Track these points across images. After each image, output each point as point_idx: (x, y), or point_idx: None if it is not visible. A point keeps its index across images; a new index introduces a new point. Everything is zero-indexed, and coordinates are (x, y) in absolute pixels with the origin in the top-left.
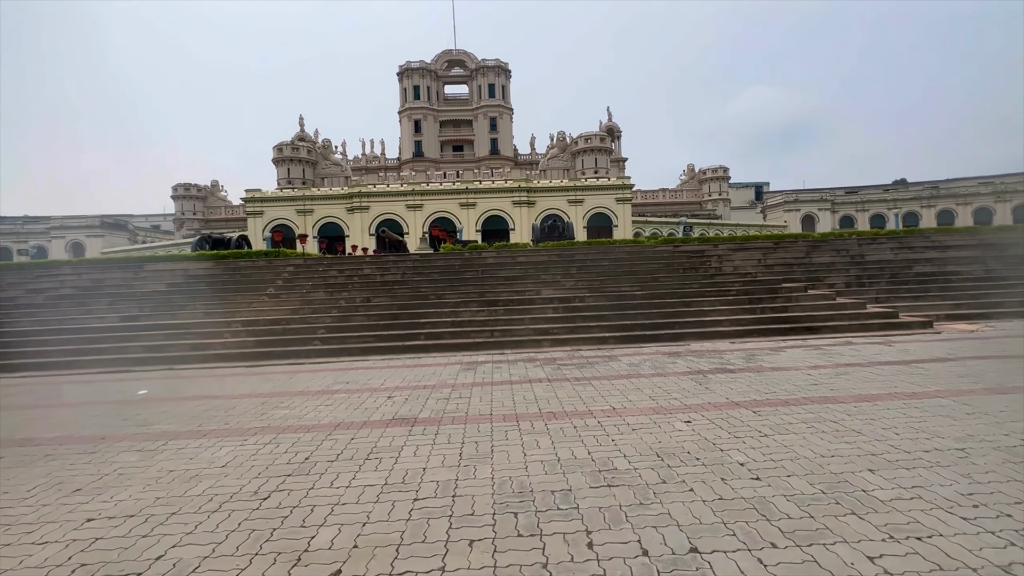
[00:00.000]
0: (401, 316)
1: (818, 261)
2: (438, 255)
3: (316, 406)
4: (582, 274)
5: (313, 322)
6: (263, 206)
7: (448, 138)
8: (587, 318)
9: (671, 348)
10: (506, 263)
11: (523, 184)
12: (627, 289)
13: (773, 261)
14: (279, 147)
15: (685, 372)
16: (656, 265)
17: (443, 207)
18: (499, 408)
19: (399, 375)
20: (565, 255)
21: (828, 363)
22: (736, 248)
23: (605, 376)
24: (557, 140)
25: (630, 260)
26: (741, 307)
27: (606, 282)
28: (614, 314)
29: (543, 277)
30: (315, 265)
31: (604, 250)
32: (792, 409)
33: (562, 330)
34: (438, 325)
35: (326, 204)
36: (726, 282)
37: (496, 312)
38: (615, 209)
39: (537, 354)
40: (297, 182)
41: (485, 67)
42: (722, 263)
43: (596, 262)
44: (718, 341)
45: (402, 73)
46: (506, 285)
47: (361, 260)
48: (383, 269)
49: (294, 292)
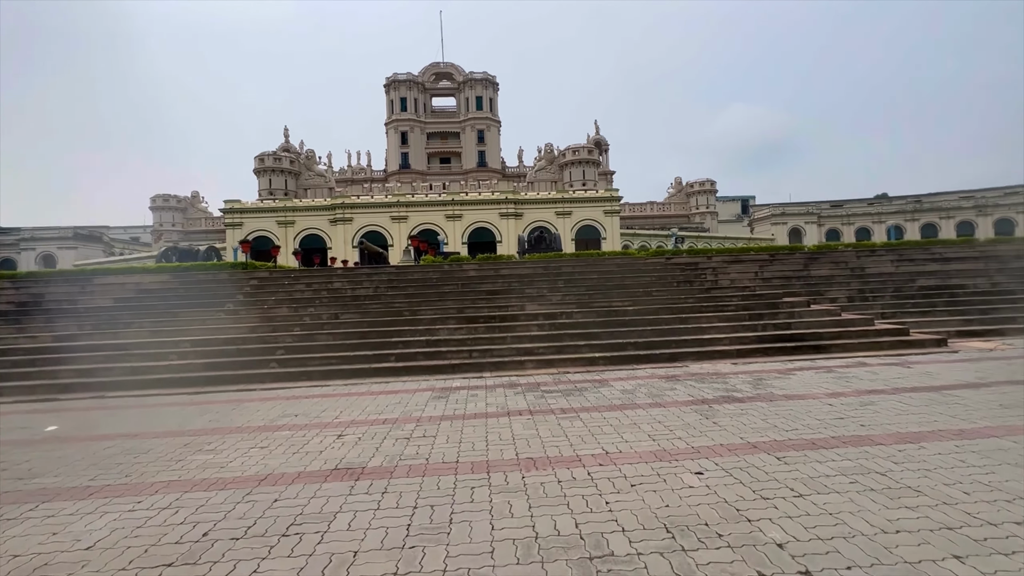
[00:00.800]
0: (371, 335)
1: (817, 274)
2: (416, 267)
3: (248, 449)
4: (569, 288)
5: (272, 342)
6: (242, 217)
7: (435, 150)
8: (575, 336)
9: (668, 370)
10: (488, 276)
11: (510, 196)
12: (618, 304)
13: (770, 274)
14: (260, 157)
15: (687, 402)
16: (648, 278)
17: (429, 219)
18: (468, 452)
19: (359, 405)
20: (551, 268)
21: (847, 389)
22: (731, 260)
23: (595, 407)
24: (545, 152)
25: (620, 273)
26: (741, 324)
27: (595, 297)
28: (604, 332)
29: (528, 291)
30: (282, 278)
31: (592, 262)
32: (824, 454)
33: (547, 350)
34: (411, 345)
35: (308, 215)
36: (723, 296)
37: (476, 330)
38: (603, 221)
39: (519, 378)
40: (279, 193)
41: (473, 79)
42: (717, 276)
43: (584, 275)
44: (719, 362)
45: (389, 85)
46: (487, 300)
47: (332, 273)
48: (355, 283)
49: (255, 308)
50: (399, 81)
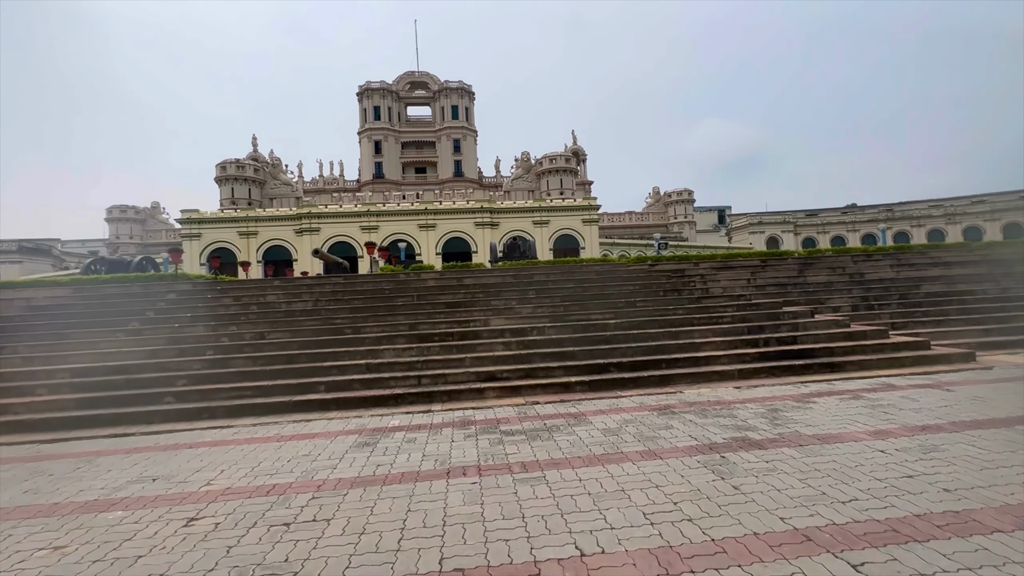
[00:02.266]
0: (299, 358)
1: (814, 280)
2: (367, 277)
3: (32, 552)
4: (542, 299)
5: (175, 369)
6: (201, 228)
7: (410, 160)
8: (547, 356)
9: (659, 398)
10: (449, 286)
11: (486, 205)
12: (597, 317)
13: (764, 281)
14: (222, 165)
15: (691, 449)
16: (631, 287)
17: (401, 229)
18: (365, 556)
19: (252, 459)
20: (522, 276)
21: (892, 425)
22: (719, 267)
23: (568, 459)
24: (522, 160)
25: (600, 281)
26: (740, 337)
27: (571, 308)
28: (581, 350)
29: (494, 303)
30: (206, 291)
31: (569, 270)
32: (920, 553)
33: (514, 374)
34: (348, 370)
35: (272, 226)
36: (717, 307)
37: (429, 350)
38: (582, 231)
39: (476, 411)
40: (242, 203)
41: (448, 88)
42: (707, 283)
43: (559, 284)
44: (719, 385)
45: (362, 93)
46: (446, 314)
47: (268, 284)
48: (293, 295)
49: (164, 326)
50: (372, 89)
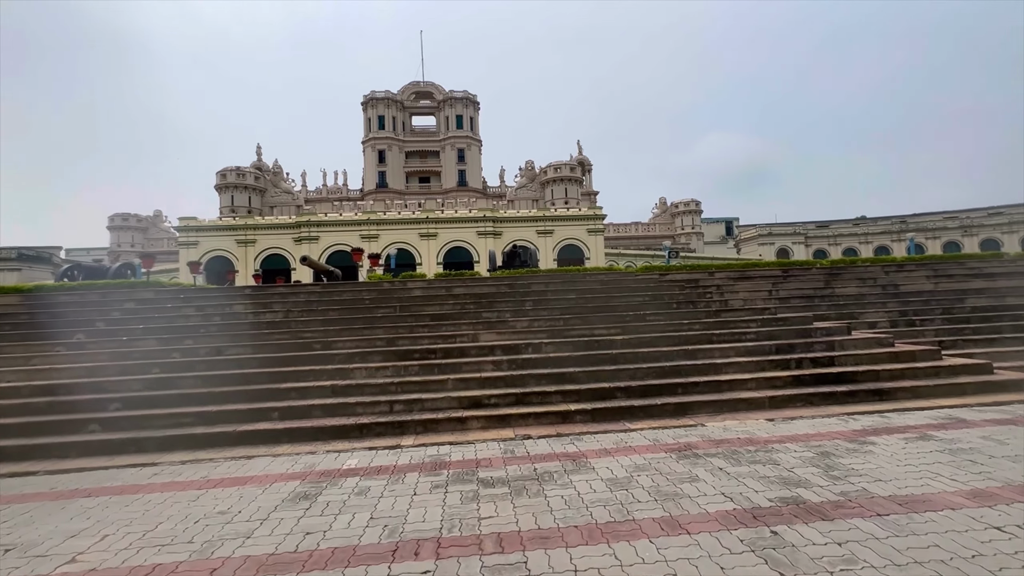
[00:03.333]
0: (256, 378)
1: (844, 292)
2: (348, 286)
3: None
4: (540, 311)
5: (111, 390)
6: (198, 236)
7: (414, 169)
8: (543, 379)
9: (677, 433)
10: (437, 296)
11: (489, 214)
12: (602, 332)
13: (788, 293)
14: (222, 172)
15: (726, 517)
16: (640, 298)
17: (402, 238)
18: None
19: (152, 518)
20: (519, 285)
21: (993, 483)
22: (737, 277)
23: (560, 531)
24: (526, 169)
25: (605, 292)
26: (768, 358)
27: (572, 322)
28: (583, 372)
29: (485, 315)
30: (169, 299)
31: (570, 279)
32: None
33: (503, 400)
34: (309, 393)
35: (270, 234)
36: (738, 321)
37: (407, 370)
38: (587, 241)
39: (454, 448)
40: (242, 211)
41: (453, 98)
42: (725, 295)
43: (560, 295)
44: (747, 416)
45: (367, 103)
46: (431, 328)
47: (238, 293)
48: (263, 305)
49: (111, 340)
50: (377, 99)
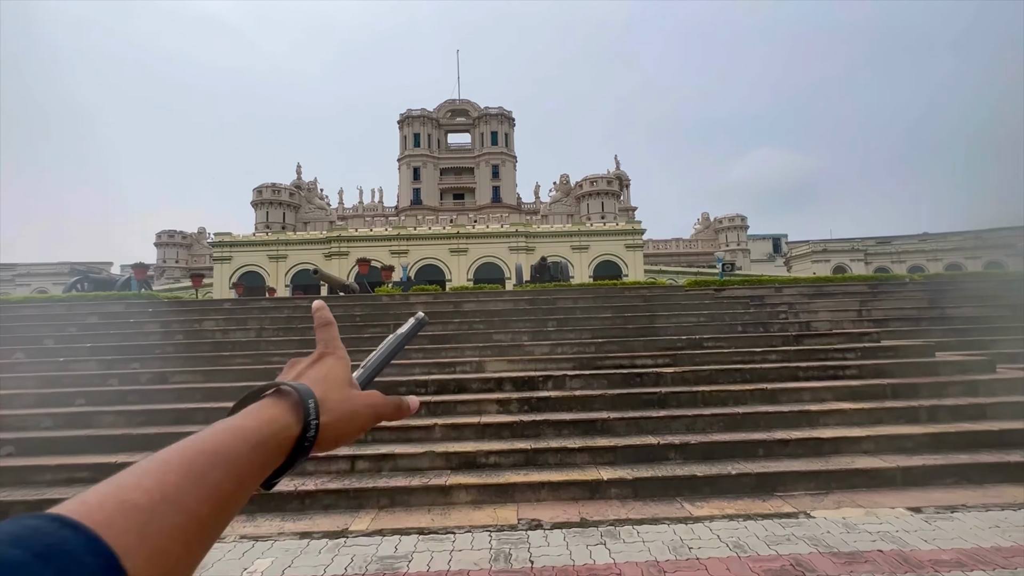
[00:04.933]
0: (193, 416)
1: (959, 314)
2: (341, 299)
3: None
4: (566, 333)
5: (13, 427)
6: (232, 251)
7: (448, 186)
8: (565, 427)
9: (771, 531)
10: (443, 313)
11: (521, 228)
12: (646, 362)
13: (883, 314)
14: (259, 189)
15: None
16: (693, 319)
17: (431, 253)
18: None
19: None
20: (541, 301)
21: None
22: (813, 293)
23: None
24: (560, 183)
25: (649, 310)
26: (884, 405)
27: (607, 349)
28: (621, 420)
29: (497, 338)
30: (135, 314)
31: (605, 295)
32: None
33: (507, 459)
34: None
35: (302, 249)
36: (829, 350)
37: None
38: (625, 256)
39: (419, 544)
40: (276, 227)
41: (488, 115)
42: (801, 316)
43: (592, 313)
44: (874, 498)
45: (403, 121)
46: (427, 353)
47: (214, 308)
48: (237, 322)
49: (49, 361)
50: (413, 117)
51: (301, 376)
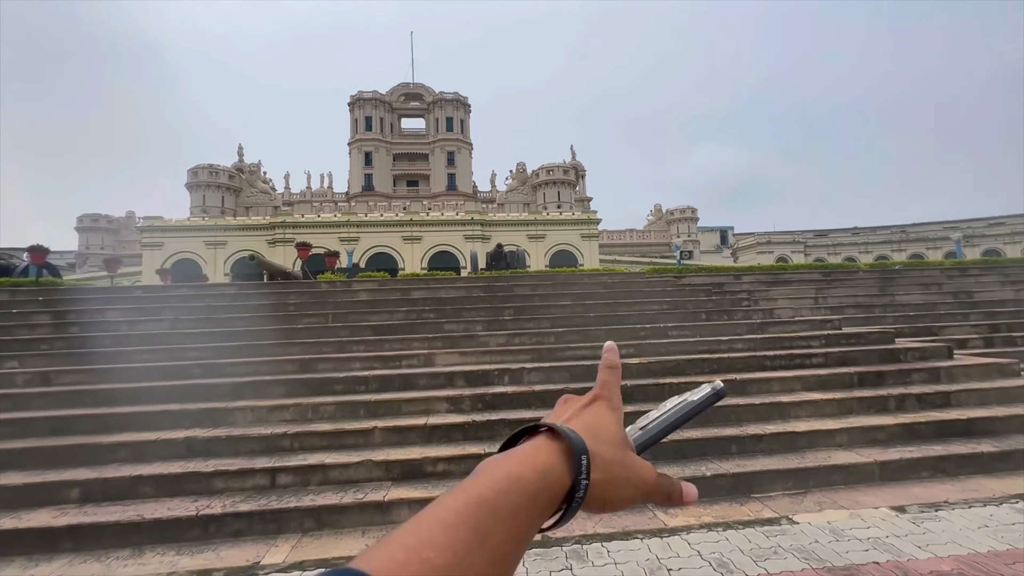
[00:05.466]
0: (79, 424)
1: (908, 301)
2: (275, 287)
3: None
4: (523, 322)
5: None
6: (163, 236)
7: (402, 172)
8: (517, 424)
9: (754, 541)
10: (389, 301)
11: (476, 216)
12: None
13: (838, 301)
14: (194, 171)
15: None
16: (656, 306)
17: (384, 241)
18: None
19: None
20: (498, 288)
21: None
22: (770, 281)
23: None
24: (517, 172)
25: (610, 298)
26: (853, 395)
27: (567, 339)
28: None
29: (448, 328)
30: (17, 303)
31: (564, 281)
32: None
33: (459, 467)
34: (148, 452)
35: (243, 235)
36: (794, 338)
37: (317, 411)
38: (580, 246)
39: None
40: (215, 211)
41: (443, 100)
42: (762, 303)
43: (551, 301)
44: (856, 497)
45: (353, 103)
46: (369, 345)
47: (126, 294)
48: (150, 312)
49: None
50: (364, 99)
51: (572, 419)
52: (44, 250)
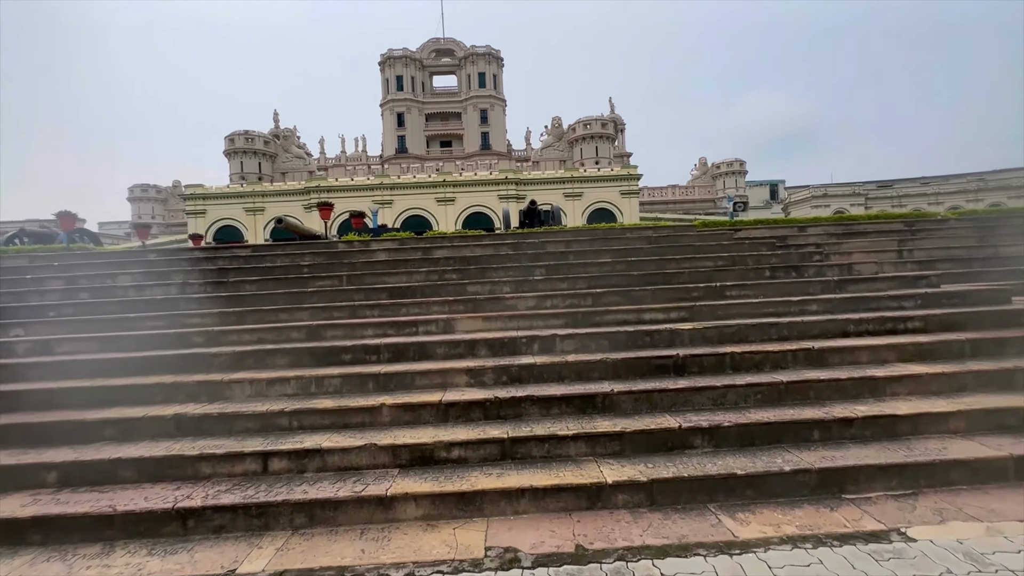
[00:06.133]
0: (70, 398)
1: (1014, 253)
2: (286, 248)
3: None
4: (556, 281)
5: None
6: (205, 204)
7: (435, 132)
8: (555, 405)
9: (859, 564)
10: (408, 261)
11: (511, 175)
12: (657, 316)
13: (927, 255)
14: (231, 137)
15: None
16: (710, 263)
17: (417, 203)
18: None
19: None
20: (527, 245)
21: None
22: (842, 233)
23: None
24: (552, 127)
25: (656, 254)
26: (966, 367)
27: (607, 300)
28: (628, 393)
29: (471, 289)
30: (33, 269)
31: (603, 236)
32: None
33: (476, 452)
34: (136, 430)
35: (280, 201)
36: (880, 299)
37: (322, 384)
38: (620, 204)
39: None
40: (252, 177)
41: (475, 54)
42: (833, 258)
43: (587, 258)
44: (987, 504)
45: (384, 63)
46: (384, 309)
47: (138, 257)
48: (159, 276)
49: None
50: (395, 58)
51: None
52: (72, 216)
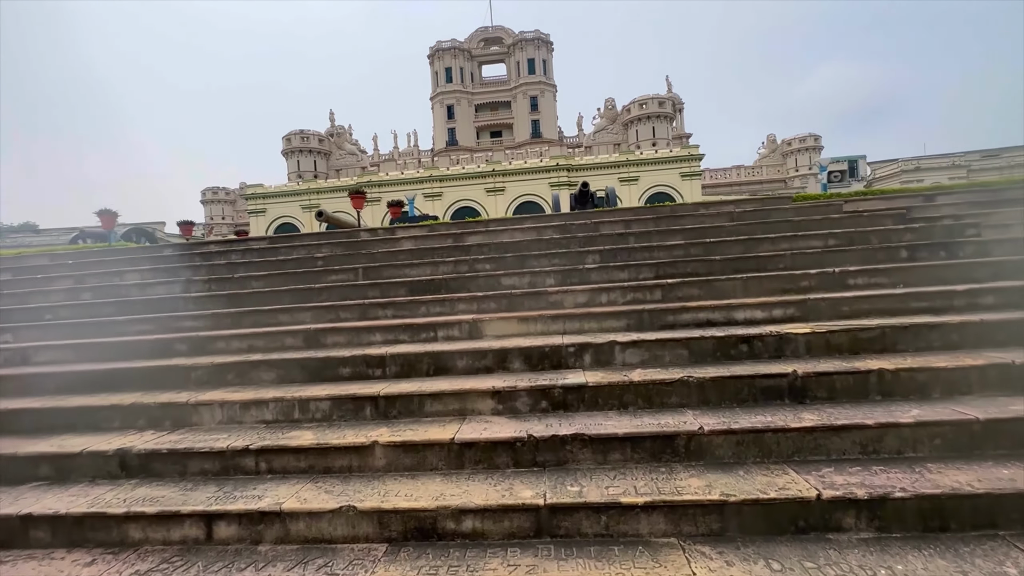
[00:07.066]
0: (15, 420)
1: None
2: (303, 240)
3: None
4: (612, 271)
5: None
6: (265, 203)
7: (484, 123)
8: (612, 449)
9: None
10: (437, 250)
11: (562, 162)
12: (755, 314)
13: None
14: (287, 137)
15: None
16: (818, 243)
17: (466, 195)
18: None
19: None
20: (576, 227)
21: None
22: (987, 201)
23: None
24: (605, 109)
25: (741, 233)
26: None
27: (681, 292)
28: (725, 436)
29: (507, 282)
30: (51, 268)
31: (670, 215)
32: None
33: (497, 527)
34: (73, 470)
35: (333, 197)
36: None
37: (308, 410)
38: (680, 187)
39: None
40: (308, 175)
41: (524, 40)
42: (983, 232)
43: (652, 241)
44: None
45: (433, 55)
46: (399, 309)
47: (152, 253)
48: (168, 273)
49: None
50: (443, 50)
51: None
52: (113, 214)
